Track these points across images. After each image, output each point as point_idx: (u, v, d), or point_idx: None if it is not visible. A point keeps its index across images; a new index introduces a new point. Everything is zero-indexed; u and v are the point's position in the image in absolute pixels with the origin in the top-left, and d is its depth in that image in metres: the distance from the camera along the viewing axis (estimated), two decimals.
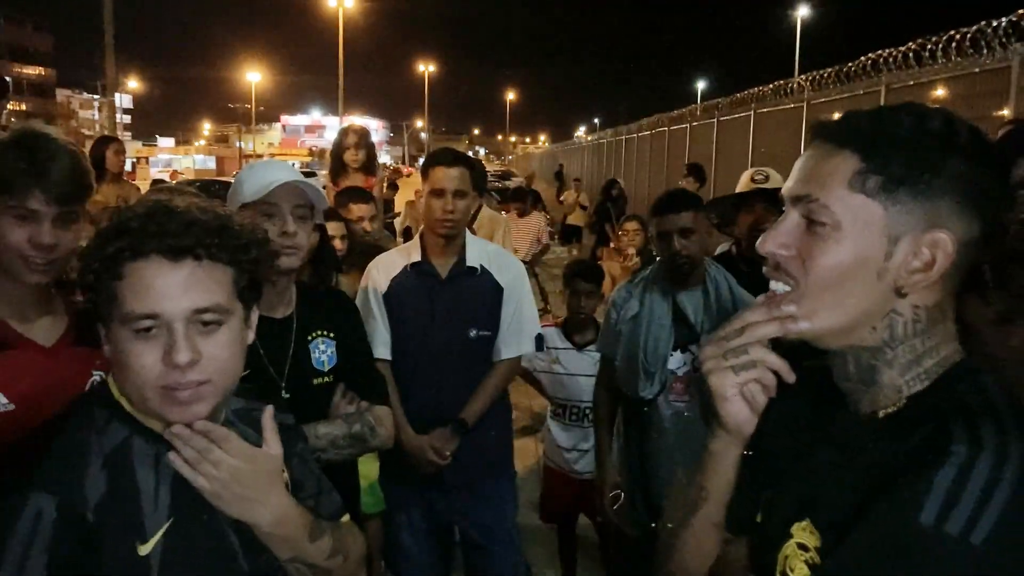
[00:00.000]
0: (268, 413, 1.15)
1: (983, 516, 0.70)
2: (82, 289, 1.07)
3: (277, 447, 1.13)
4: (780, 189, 0.91)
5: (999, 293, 1.28)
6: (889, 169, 0.80)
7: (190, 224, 1.04)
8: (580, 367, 3.22)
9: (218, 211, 1.10)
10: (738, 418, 0.89)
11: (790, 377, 0.87)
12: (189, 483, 1.09)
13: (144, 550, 1.03)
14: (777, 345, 0.88)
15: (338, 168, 4.17)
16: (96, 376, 1.44)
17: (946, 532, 0.70)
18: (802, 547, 0.85)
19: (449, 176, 2.43)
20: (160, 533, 1.05)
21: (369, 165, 4.19)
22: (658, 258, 2.55)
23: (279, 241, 1.68)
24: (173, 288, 1.01)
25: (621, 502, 2.60)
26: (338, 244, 3.37)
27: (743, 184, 2.94)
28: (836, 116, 0.90)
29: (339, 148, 4.19)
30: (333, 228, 3.38)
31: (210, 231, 1.05)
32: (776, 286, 0.87)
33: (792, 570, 0.86)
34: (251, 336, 1.15)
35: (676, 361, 2.41)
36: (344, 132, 4.33)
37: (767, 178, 2.87)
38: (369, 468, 2.70)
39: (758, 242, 0.87)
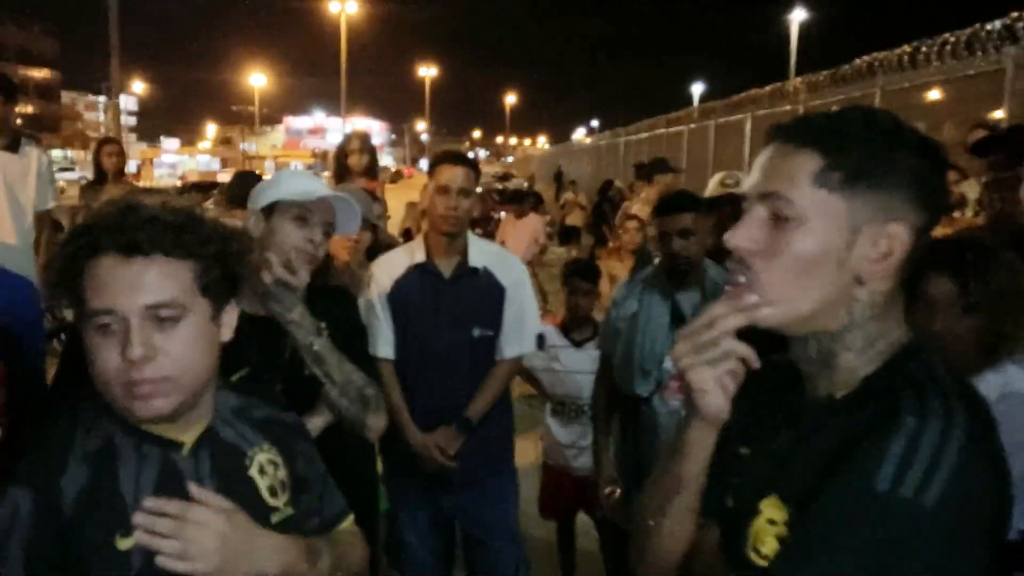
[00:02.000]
0: (193, 490, 1.07)
1: (933, 480, 0.76)
2: (50, 291, 1.07)
3: (220, 501, 1.08)
4: None
5: (978, 286, 1.41)
6: (849, 165, 0.86)
7: (147, 220, 1.04)
8: (579, 364, 3.26)
9: (185, 208, 1.10)
10: (717, 407, 0.93)
11: (755, 364, 0.91)
12: (174, 483, 1.07)
13: (125, 544, 1.03)
14: (745, 339, 0.92)
15: (341, 172, 4.25)
16: None
17: (900, 496, 0.76)
18: (771, 522, 0.89)
19: (454, 174, 2.47)
20: None
21: (371, 169, 4.27)
22: (656, 258, 2.59)
23: (302, 247, 1.74)
24: (126, 284, 1.02)
25: (617, 497, 2.63)
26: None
27: (713, 188, 2.97)
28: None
29: (343, 153, 4.27)
30: None
31: (166, 226, 1.05)
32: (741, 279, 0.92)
33: (763, 544, 0.90)
34: (227, 333, 1.13)
35: None
36: (348, 138, 4.41)
37: (738, 182, 2.90)
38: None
39: (725, 236, 0.91)
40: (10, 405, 1.57)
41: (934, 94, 6.05)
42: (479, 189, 3.09)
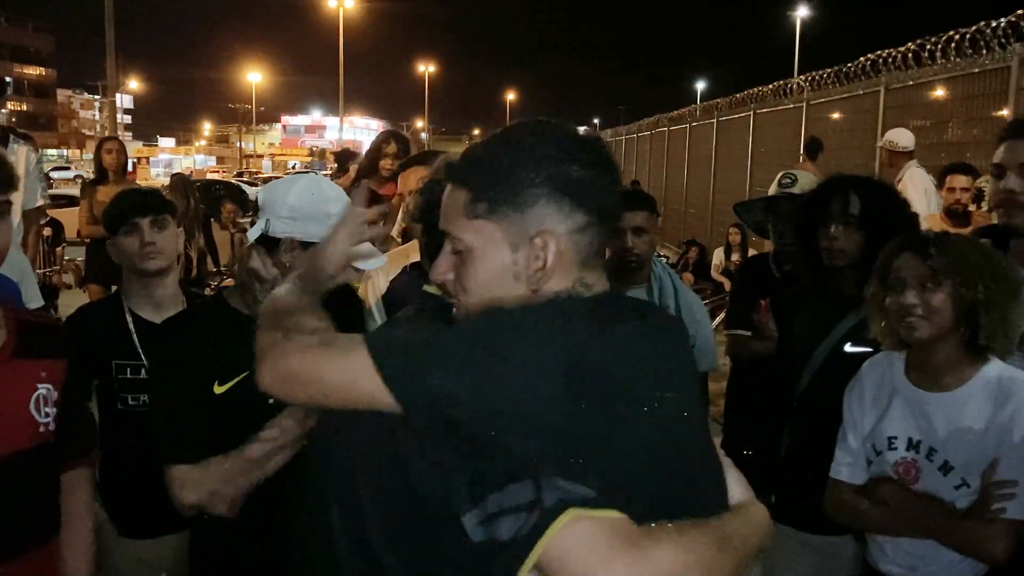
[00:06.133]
0: None
1: None
2: None
3: None
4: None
5: (940, 256, 1.52)
6: (490, 194, 0.95)
7: None
8: None
9: None
10: None
11: None
12: None
13: None
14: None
15: (369, 170, 4.11)
16: (42, 389, 1.40)
17: None
18: None
19: (420, 177, 2.44)
20: None
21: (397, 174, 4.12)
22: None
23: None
24: None
25: None
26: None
27: (772, 189, 2.88)
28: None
29: (376, 152, 4.09)
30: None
31: None
32: None
33: None
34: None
35: None
36: (386, 137, 4.18)
37: (794, 182, 2.76)
38: None
39: (431, 272, 1.03)
40: None
41: (939, 92, 6.03)
42: None
